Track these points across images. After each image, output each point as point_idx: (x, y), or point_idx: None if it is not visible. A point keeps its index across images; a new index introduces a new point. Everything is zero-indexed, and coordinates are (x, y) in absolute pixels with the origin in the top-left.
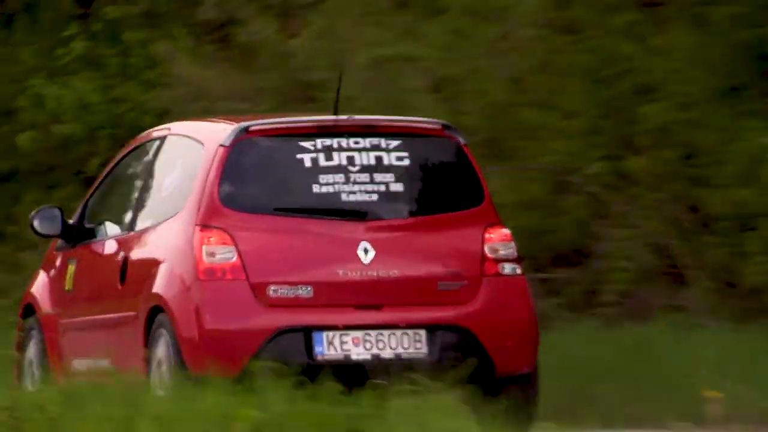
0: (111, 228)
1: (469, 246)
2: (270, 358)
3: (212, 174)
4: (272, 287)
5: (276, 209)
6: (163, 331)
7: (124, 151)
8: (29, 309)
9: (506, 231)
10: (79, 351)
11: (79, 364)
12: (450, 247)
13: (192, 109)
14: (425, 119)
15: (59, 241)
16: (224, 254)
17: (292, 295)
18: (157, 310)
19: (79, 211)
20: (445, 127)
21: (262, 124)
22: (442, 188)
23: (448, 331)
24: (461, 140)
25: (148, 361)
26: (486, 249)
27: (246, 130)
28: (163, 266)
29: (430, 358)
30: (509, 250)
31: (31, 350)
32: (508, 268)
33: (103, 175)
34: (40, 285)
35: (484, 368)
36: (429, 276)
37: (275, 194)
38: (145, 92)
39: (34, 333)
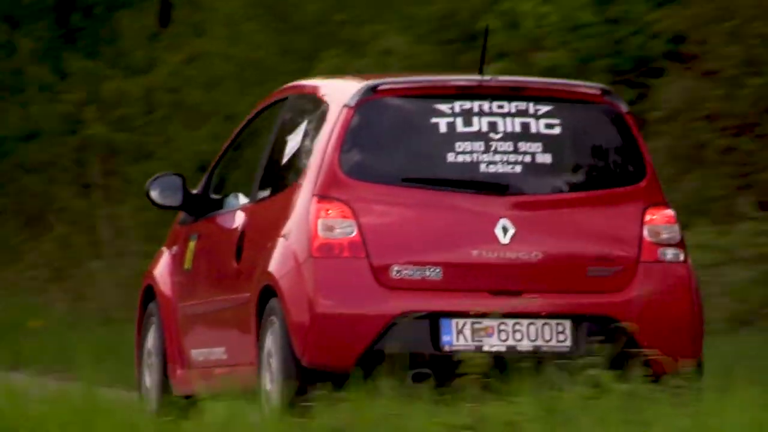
0: (234, 199)
1: (626, 227)
2: (390, 347)
3: (334, 138)
4: (396, 267)
5: (404, 179)
6: (274, 316)
7: (254, 111)
8: (150, 292)
9: (670, 212)
10: (197, 339)
11: (197, 354)
12: (603, 228)
13: (714, 32)
14: (581, 83)
15: (183, 214)
16: (343, 229)
17: (419, 277)
18: (268, 291)
19: (204, 179)
20: (604, 92)
21: (393, 82)
22: (598, 161)
23: (596, 323)
24: (623, 108)
25: (259, 350)
26: (645, 231)
27: (374, 89)
28: (278, 242)
29: (575, 352)
30: (673, 233)
31: (150, 339)
32: (670, 254)
33: (231, 138)
34: (161, 264)
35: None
36: (577, 260)
37: (404, 163)
38: (653, 10)
39: (154, 319)
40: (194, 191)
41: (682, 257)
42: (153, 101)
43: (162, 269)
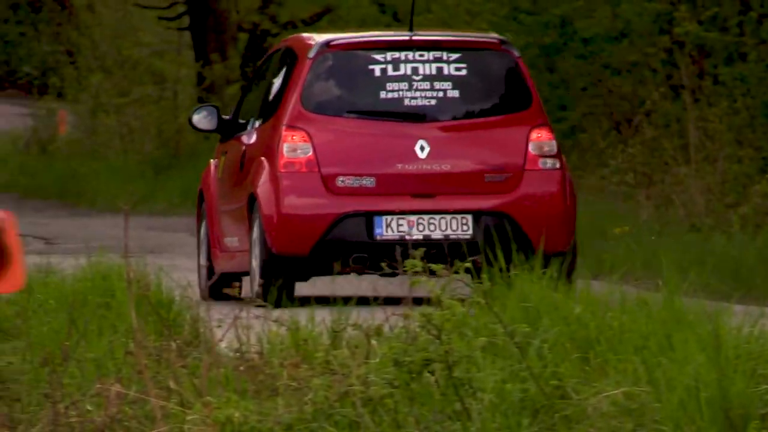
0: (249, 125)
1: (515, 143)
2: (336, 237)
3: (299, 83)
4: (340, 178)
5: (348, 112)
6: (257, 216)
7: (266, 55)
8: (201, 195)
9: (549, 131)
10: (226, 230)
11: (227, 241)
12: (498, 145)
13: None
14: (484, 35)
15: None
16: (303, 150)
17: (357, 185)
18: (253, 197)
19: (235, 106)
20: (501, 42)
21: (342, 38)
22: (495, 95)
23: (491, 216)
24: (516, 53)
25: (250, 240)
26: (530, 146)
27: (328, 44)
28: (260, 160)
29: (475, 239)
30: (551, 147)
31: (202, 230)
32: (549, 163)
33: (251, 76)
34: (208, 173)
35: (522, 247)
36: (477, 169)
37: (348, 99)
38: None
39: (204, 214)
40: (226, 117)
41: (558, 165)
42: (750, 1)
43: (208, 177)
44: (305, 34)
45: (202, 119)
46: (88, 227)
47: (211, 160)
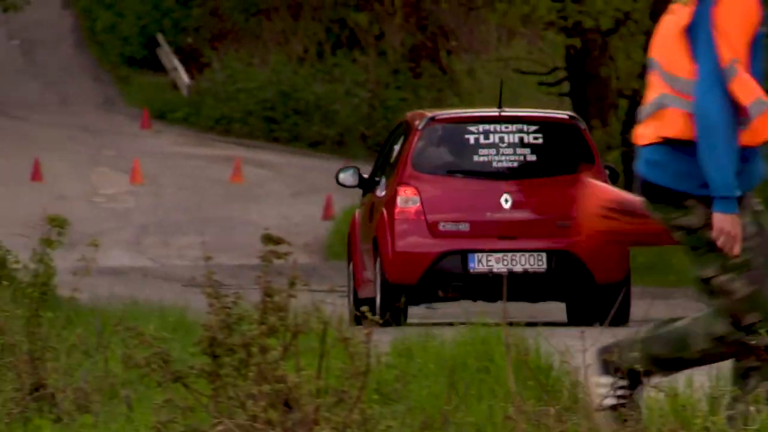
0: (380, 181)
1: None
2: (438, 270)
3: (411, 148)
4: (442, 223)
5: (448, 172)
6: (378, 253)
7: (395, 126)
8: (349, 238)
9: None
10: (364, 265)
11: (365, 274)
12: (566, 197)
13: None
14: (557, 112)
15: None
16: (413, 202)
17: (455, 229)
18: (376, 239)
19: (373, 167)
20: (570, 117)
21: (445, 114)
22: (565, 158)
23: (560, 254)
24: (582, 126)
25: (375, 273)
26: None
27: (433, 118)
28: (381, 210)
29: (548, 272)
30: None
31: (350, 265)
32: None
33: (386, 139)
34: (353, 221)
35: (586, 279)
36: (550, 217)
37: (449, 162)
38: None
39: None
40: (365, 176)
41: None
42: None
43: (353, 223)
44: (419, 111)
45: (347, 177)
46: None
47: (357, 210)
